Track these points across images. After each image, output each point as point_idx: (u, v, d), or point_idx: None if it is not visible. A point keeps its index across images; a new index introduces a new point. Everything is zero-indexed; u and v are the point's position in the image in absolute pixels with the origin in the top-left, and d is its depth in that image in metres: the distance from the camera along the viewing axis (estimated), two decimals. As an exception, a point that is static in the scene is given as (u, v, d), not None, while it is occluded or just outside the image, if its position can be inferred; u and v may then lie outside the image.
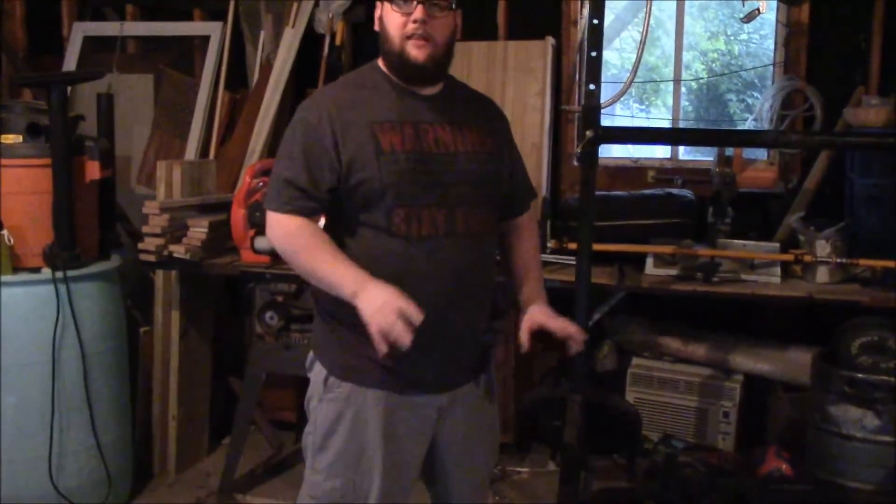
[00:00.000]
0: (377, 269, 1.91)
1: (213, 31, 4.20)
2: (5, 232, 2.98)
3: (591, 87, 2.92)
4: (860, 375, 3.11)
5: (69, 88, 3.47)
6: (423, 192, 1.94)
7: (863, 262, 3.20)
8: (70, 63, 4.32)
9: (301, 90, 4.01)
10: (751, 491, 3.20)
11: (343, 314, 1.95)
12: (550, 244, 3.40)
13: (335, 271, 1.90)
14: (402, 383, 2.00)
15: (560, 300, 3.38)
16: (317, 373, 2.07)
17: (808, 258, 3.25)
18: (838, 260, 3.22)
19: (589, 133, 2.88)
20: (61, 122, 3.01)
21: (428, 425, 2.07)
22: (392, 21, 1.94)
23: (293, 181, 1.93)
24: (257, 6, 4.12)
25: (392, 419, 2.01)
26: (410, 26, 1.91)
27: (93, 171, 3.15)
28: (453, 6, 1.97)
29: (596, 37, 2.91)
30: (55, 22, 4.44)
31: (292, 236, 1.95)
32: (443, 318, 1.97)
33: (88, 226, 3.21)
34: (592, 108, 2.91)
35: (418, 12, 1.90)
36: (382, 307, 1.78)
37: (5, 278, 3.00)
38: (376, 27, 2.00)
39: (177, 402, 3.64)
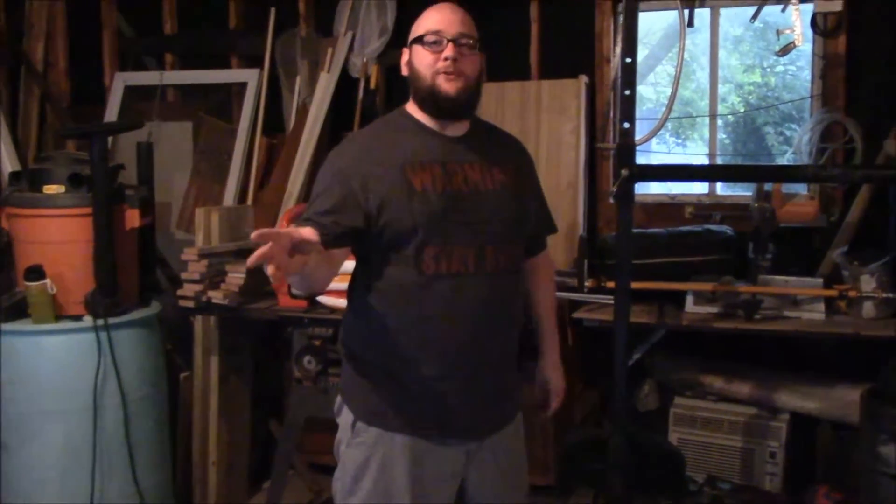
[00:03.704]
0: (404, 307, 1.94)
1: (251, 77, 4.27)
2: (48, 281, 3.02)
3: (626, 125, 2.90)
4: (911, 413, 3.02)
5: (110, 139, 3.53)
6: (455, 231, 1.95)
7: (910, 295, 3.13)
8: (112, 112, 4.41)
9: (337, 134, 4.04)
10: (801, 533, 3.12)
11: (370, 356, 1.96)
12: (588, 283, 3.37)
13: None
14: (429, 428, 2.00)
15: (599, 339, 3.41)
16: (344, 417, 2.08)
17: (852, 293, 3.18)
18: (884, 294, 3.15)
19: (624, 172, 2.85)
20: (102, 172, 3.06)
21: (457, 469, 2.06)
22: (422, 60, 1.98)
23: (311, 217, 1.90)
24: (293, 52, 4.18)
25: (420, 464, 2.00)
26: (442, 63, 1.95)
27: (133, 219, 3.19)
28: (479, 48, 2.01)
29: (629, 75, 2.90)
30: (97, 72, 4.55)
31: None
32: (470, 357, 1.98)
33: (129, 273, 3.25)
34: (627, 146, 2.90)
35: (449, 50, 1.95)
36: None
37: (48, 326, 3.06)
38: (404, 72, 2.05)
39: (217, 446, 3.65)
